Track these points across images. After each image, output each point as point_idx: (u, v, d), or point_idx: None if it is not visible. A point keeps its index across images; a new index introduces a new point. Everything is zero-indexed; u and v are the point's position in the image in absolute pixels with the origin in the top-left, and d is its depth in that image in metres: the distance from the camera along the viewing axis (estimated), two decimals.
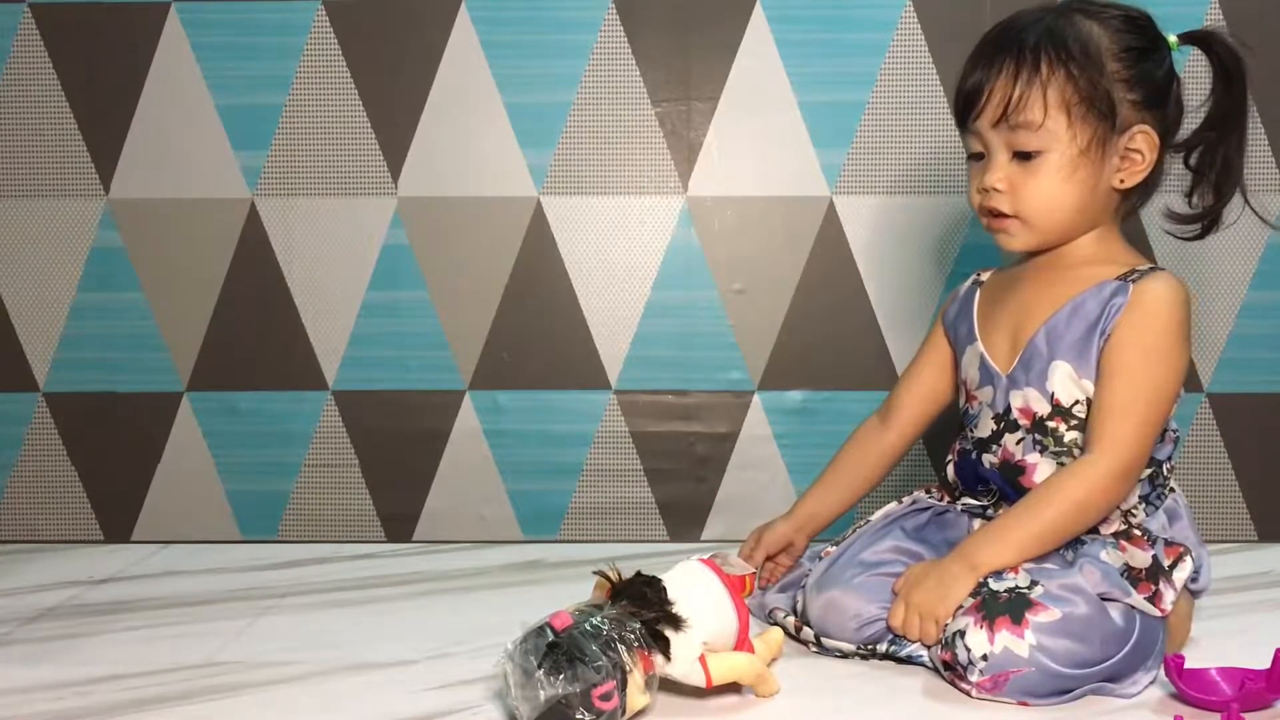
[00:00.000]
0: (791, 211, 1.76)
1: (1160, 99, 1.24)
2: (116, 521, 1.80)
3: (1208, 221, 1.29)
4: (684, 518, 1.79)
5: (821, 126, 1.75)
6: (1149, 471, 1.24)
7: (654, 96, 1.76)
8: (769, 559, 1.42)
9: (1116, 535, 1.21)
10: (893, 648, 1.21)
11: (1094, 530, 1.22)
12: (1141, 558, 1.18)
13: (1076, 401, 1.23)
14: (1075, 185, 1.22)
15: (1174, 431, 1.27)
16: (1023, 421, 1.25)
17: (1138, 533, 1.21)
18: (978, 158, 1.27)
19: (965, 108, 1.24)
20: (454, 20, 1.75)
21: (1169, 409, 1.22)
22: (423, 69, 1.76)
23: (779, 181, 1.76)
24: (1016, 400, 1.26)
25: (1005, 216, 1.24)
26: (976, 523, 1.28)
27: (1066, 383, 1.23)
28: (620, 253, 1.78)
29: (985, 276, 1.38)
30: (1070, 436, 1.23)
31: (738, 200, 1.77)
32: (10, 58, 1.76)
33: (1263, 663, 1.10)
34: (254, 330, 1.78)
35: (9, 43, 1.76)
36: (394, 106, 1.76)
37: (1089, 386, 1.22)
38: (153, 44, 1.76)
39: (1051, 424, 1.24)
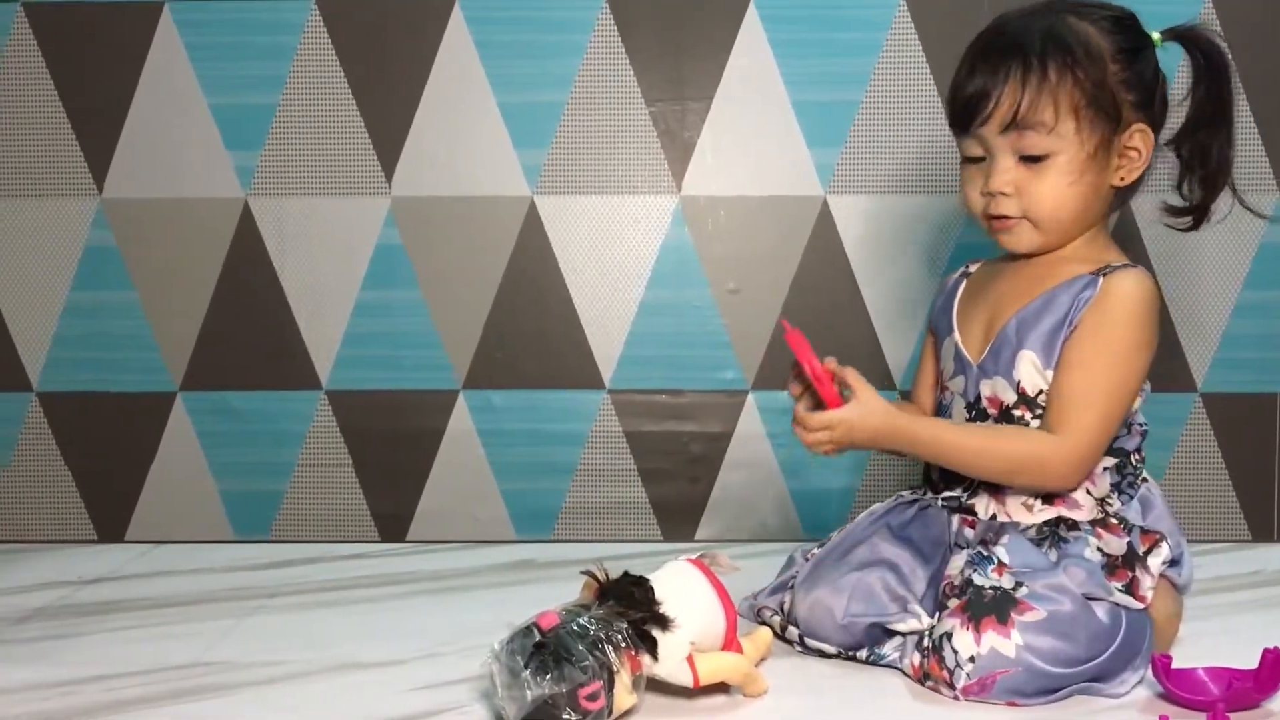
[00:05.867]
0: (785, 211, 1.76)
1: (1151, 98, 1.25)
2: (109, 521, 1.80)
3: (1199, 214, 1.30)
4: (678, 517, 1.79)
5: (815, 126, 1.75)
6: (1116, 462, 1.26)
7: (648, 96, 1.76)
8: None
9: (1093, 523, 1.22)
10: (872, 656, 1.22)
11: (1074, 525, 1.22)
12: (1117, 544, 1.20)
13: (1040, 391, 1.24)
14: (1082, 187, 1.23)
15: (1141, 425, 1.29)
16: (991, 411, 1.27)
17: (1114, 521, 1.23)
18: (975, 160, 1.27)
19: (968, 113, 1.24)
20: (448, 19, 1.75)
21: (1130, 404, 1.24)
22: (416, 68, 1.75)
23: (772, 181, 1.76)
24: (985, 389, 1.27)
25: (1010, 219, 1.25)
26: (955, 519, 1.27)
27: (1031, 372, 1.24)
28: (614, 252, 1.77)
29: (974, 269, 1.38)
30: (1035, 425, 1.25)
31: (731, 200, 1.76)
32: (3, 57, 1.76)
33: (1252, 663, 1.10)
34: (247, 330, 1.78)
35: (2, 42, 1.76)
36: (387, 106, 1.76)
37: (1051, 377, 1.23)
38: (146, 43, 1.76)
39: (1018, 413, 1.25)
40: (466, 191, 1.77)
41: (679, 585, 1.13)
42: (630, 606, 1.09)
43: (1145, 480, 1.28)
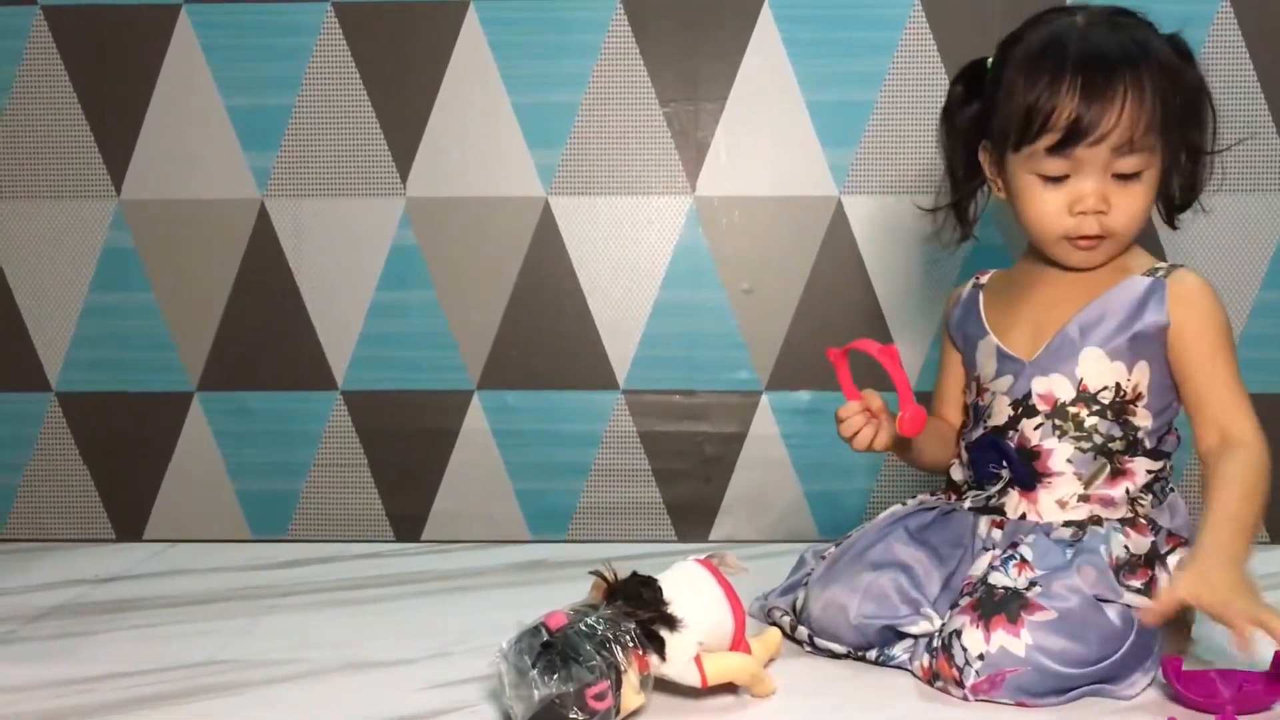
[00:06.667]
0: (799, 211, 1.75)
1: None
2: (127, 521, 1.81)
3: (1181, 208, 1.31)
4: (692, 518, 1.79)
5: (829, 126, 1.75)
6: (1159, 465, 1.25)
7: (662, 96, 1.76)
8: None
9: (1122, 521, 1.22)
10: (881, 657, 1.21)
11: (1097, 521, 1.21)
12: (1142, 543, 1.20)
13: (1104, 388, 1.23)
14: (1152, 200, 1.24)
15: (1177, 431, 1.28)
16: (1042, 407, 1.25)
17: (1143, 521, 1.22)
18: (1054, 179, 1.22)
19: (1076, 135, 1.18)
20: (462, 21, 1.76)
21: None
22: (431, 69, 1.76)
23: (787, 181, 1.76)
24: (1039, 386, 1.25)
25: (1099, 237, 1.23)
26: (982, 521, 1.26)
27: (1100, 367, 1.23)
28: (628, 253, 1.78)
29: (985, 279, 1.38)
30: (1090, 422, 1.23)
31: (745, 200, 1.76)
32: (23, 60, 1.77)
33: (1264, 665, 1.10)
34: (264, 330, 1.79)
35: (21, 45, 1.77)
36: (402, 107, 1.77)
37: (1121, 369, 1.23)
38: (163, 45, 1.77)
39: (1073, 409, 1.24)
40: (481, 192, 1.77)
41: (687, 585, 1.13)
42: (638, 606, 1.09)
43: (1172, 490, 1.28)
